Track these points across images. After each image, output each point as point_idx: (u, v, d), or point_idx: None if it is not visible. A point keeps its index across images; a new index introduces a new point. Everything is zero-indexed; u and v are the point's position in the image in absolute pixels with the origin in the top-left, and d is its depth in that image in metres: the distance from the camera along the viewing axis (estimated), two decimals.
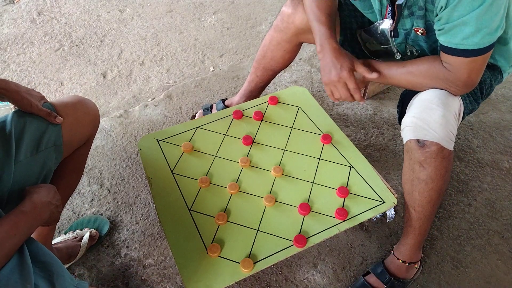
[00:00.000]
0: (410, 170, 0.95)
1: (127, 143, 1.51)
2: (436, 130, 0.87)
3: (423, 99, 0.90)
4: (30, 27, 2.08)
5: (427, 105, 0.89)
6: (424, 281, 1.14)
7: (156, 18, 2.14)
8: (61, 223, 1.27)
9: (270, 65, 1.34)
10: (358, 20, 1.14)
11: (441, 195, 0.96)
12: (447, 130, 0.87)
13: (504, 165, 1.42)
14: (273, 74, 1.39)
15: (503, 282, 1.14)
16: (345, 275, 1.15)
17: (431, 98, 0.89)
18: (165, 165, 1.09)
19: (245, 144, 1.13)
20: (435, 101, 0.88)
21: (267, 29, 2.06)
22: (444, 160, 0.89)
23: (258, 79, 1.39)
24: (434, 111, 0.87)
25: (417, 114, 0.89)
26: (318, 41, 1.02)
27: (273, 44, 1.28)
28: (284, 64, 1.34)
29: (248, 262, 0.88)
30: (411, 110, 0.92)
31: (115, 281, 1.14)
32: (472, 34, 0.80)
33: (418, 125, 0.88)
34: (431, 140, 0.87)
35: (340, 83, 0.99)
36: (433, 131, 0.87)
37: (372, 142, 1.49)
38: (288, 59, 1.32)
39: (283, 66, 1.35)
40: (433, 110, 0.87)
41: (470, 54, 0.83)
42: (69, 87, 1.76)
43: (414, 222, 1.02)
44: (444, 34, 0.84)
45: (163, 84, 1.77)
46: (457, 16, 0.79)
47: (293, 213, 0.98)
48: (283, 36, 1.24)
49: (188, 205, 1.00)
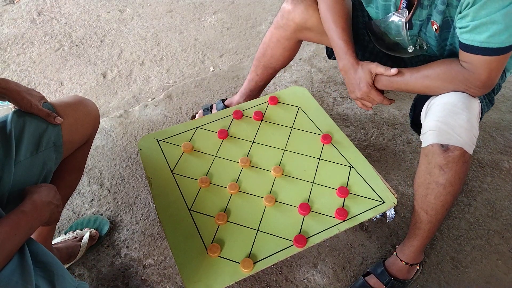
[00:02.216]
0: (427, 173, 0.92)
1: (127, 143, 1.51)
2: (461, 134, 0.85)
3: (446, 103, 0.88)
4: (30, 27, 2.08)
5: (451, 109, 0.87)
6: (424, 281, 1.14)
7: (156, 18, 2.14)
8: (61, 223, 1.27)
9: (270, 63, 1.34)
10: (364, 15, 1.14)
11: (455, 199, 0.96)
12: (471, 135, 0.86)
13: (504, 165, 1.42)
14: (273, 73, 1.39)
15: (503, 282, 1.14)
16: (345, 275, 1.15)
17: (455, 102, 0.87)
18: (165, 165, 1.09)
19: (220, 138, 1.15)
20: (459, 105, 0.87)
21: (267, 29, 2.05)
22: (464, 165, 0.88)
23: (258, 77, 1.39)
24: (459, 116, 0.86)
25: (441, 118, 0.87)
26: (338, 57, 1.07)
27: (273, 41, 1.27)
28: (284, 62, 1.33)
29: (248, 262, 0.88)
30: (433, 114, 0.90)
31: (115, 281, 1.14)
32: (499, 32, 0.78)
33: (442, 129, 0.87)
34: (455, 145, 0.85)
35: (366, 98, 1.05)
36: (458, 136, 0.85)
37: (372, 142, 1.49)
38: (287, 56, 1.31)
39: (283, 64, 1.35)
40: (458, 114, 0.86)
41: (493, 52, 0.82)
42: (69, 87, 1.76)
43: (424, 225, 1.00)
44: (469, 32, 0.83)
45: (163, 84, 1.77)
46: (485, 14, 0.78)
47: (293, 213, 0.98)
48: (282, 33, 1.23)
49: (188, 205, 1.00)
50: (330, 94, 1.70)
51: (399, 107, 1.63)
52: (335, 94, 1.69)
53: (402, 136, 1.51)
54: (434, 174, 0.91)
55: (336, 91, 1.70)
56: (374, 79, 1.01)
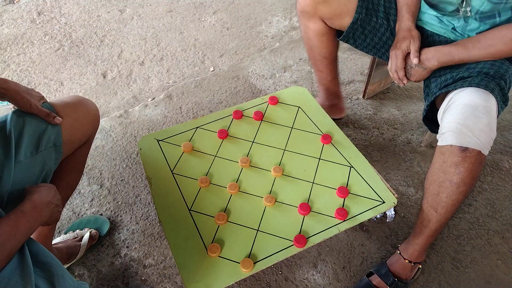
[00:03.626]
0: (442, 171, 0.92)
1: (127, 143, 1.51)
2: (480, 138, 0.86)
3: (467, 105, 0.88)
4: (30, 27, 2.08)
5: (472, 112, 0.87)
6: (424, 281, 1.14)
7: (156, 18, 2.14)
8: (61, 223, 1.27)
9: (320, 54, 1.31)
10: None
11: (465, 198, 0.96)
12: (489, 138, 0.88)
13: (504, 165, 1.42)
14: (332, 62, 1.35)
15: (503, 282, 1.14)
16: (345, 275, 1.15)
17: (476, 105, 0.88)
18: (165, 165, 1.09)
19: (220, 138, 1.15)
20: (480, 109, 0.87)
21: (267, 29, 2.06)
22: (479, 165, 0.89)
23: (323, 74, 1.37)
24: (480, 119, 0.86)
25: (462, 121, 0.87)
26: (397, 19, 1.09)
27: (309, 33, 1.26)
28: (329, 47, 1.29)
29: (248, 262, 0.88)
30: (453, 114, 0.90)
31: (115, 281, 1.14)
32: None
33: (462, 132, 0.87)
34: (473, 148, 0.87)
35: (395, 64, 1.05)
36: (477, 139, 0.86)
37: (372, 142, 1.49)
38: (327, 40, 1.26)
39: (332, 49, 1.30)
40: (478, 118, 0.86)
41: None
42: (69, 87, 1.76)
43: (432, 223, 1.00)
44: None
45: (163, 84, 1.77)
46: None
47: (293, 213, 0.98)
48: (309, 19, 1.22)
49: (188, 205, 1.00)
50: None
51: (399, 107, 1.63)
52: None
53: (402, 136, 1.51)
54: (449, 172, 0.91)
55: None
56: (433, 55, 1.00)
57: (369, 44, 1.19)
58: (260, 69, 1.82)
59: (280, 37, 2.02)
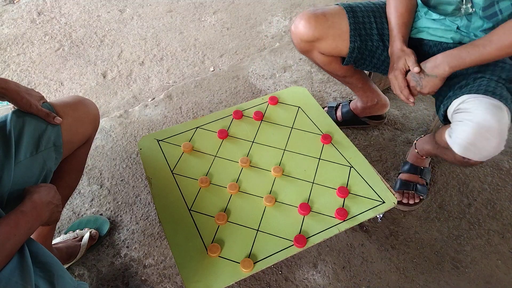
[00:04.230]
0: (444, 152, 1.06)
1: (127, 143, 1.51)
2: (487, 155, 0.91)
3: (480, 124, 0.88)
4: (30, 27, 2.08)
5: (483, 134, 0.88)
6: (424, 281, 1.14)
7: (156, 18, 2.14)
8: (61, 223, 1.27)
9: (338, 75, 1.32)
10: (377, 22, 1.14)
11: None
12: (497, 152, 0.91)
13: (504, 165, 1.42)
14: (353, 74, 1.32)
15: (503, 282, 1.14)
16: (345, 275, 1.15)
17: (489, 126, 0.87)
18: (165, 165, 1.09)
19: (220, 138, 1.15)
20: (492, 131, 0.87)
21: (267, 29, 2.06)
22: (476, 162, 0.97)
23: (352, 85, 1.37)
24: (489, 142, 0.88)
25: (472, 141, 0.89)
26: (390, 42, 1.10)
27: (317, 62, 1.25)
28: (343, 68, 1.26)
29: (248, 262, 0.88)
30: (465, 132, 0.90)
31: (115, 281, 1.14)
32: None
33: (470, 150, 0.91)
34: (476, 160, 0.94)
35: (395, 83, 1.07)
36: (483, 156, 0.92)
37: (372, 142, 1.49)
38: (336, 65, 1.24)
39: (346, 68, 1.27)
40: (489, 140, 0.88)
41: None
42: (69, 87, 1.76)
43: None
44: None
45: (163, 84, 1.77)
46: None
47: (293, 213, 0.98)
48: (310, 54, 1.22)
49: (188, 205, 1.00)
50: (330, 94, 1.70)
51: (399, 107, 1.63)
52: (335, 94, 1.69)
53: (402, 136, 1.51)
54: (449, 157, 1.03)
55: (336, 91, 1.70)
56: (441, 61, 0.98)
57: (369, 65, 1.19)
58: (260, 69, 1.82)
59: (280, 37, 2.02)
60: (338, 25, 1.11)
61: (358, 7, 1.14)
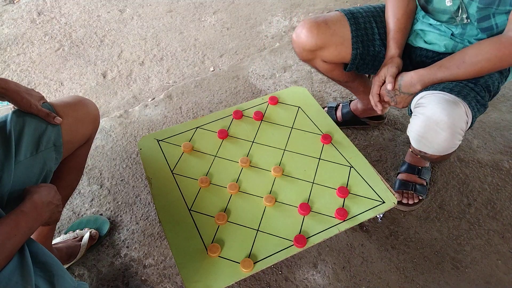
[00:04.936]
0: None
1: (127, 143, 1.51)
2: (439, 149, 0.94)
3: (430, 118, 0.90)
4: (30, 27, 2.08)
5: (432, 127, 0.90)
6: (424, 281, 1.14)
7: (156, 18, 2.14)
8: (61, 223, 1.27)
9: (340, 81, 1.32)
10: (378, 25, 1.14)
11: None
12: (450, 146, 0.93)
13: (504, 165, 1.42)
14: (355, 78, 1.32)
15: (503, 282, 1.14)
16: (345, 275, 1.15)
17: (438, 120, 0.89)
18: (165, 165, 1.09)
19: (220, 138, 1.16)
20: (441, 124, 0.89)
21: (267, 29, 2.06)
22: (442, 157, 0.99)
23: (354, 89, 1.38)
24: (438, 135, 0.90)
25: (421, 133, 0.94)
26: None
27: (320, 70, 1.24)
28: (345, 74, 1.26)
29: (248, 262, 0.88)
30: (417, 125, 0.93)
31: (115, 281, 1.14)
32: None
33: (422, 142, 0.95)
34: (432, 154, 0.97)
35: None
36: (436, 149, 0.94)
37: (372, 142, 1.49)
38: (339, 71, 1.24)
39: (349, 74, 1.26)
40: (437, 133, 0.90)
41: None
42: (69, 87, 1.76)
43: None
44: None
45: (163, 84, 1.77)
46: None
47: (293, 213, 0.98)
48: (312, 63, 1.22)
49: (188, 205, 1.00)
50: (330, 94, 1.70)
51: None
52: (335, 94, 1.69)
53: (402, 136, 1.51)
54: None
55: (336, 91, 1.70)
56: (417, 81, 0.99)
57: (371, 69, 1.19)
58: (260, 69, 1.82)
59: (280, 37, 2.02)
60: (340, 32, 1.11)
61: (359, 13, 1.13)
